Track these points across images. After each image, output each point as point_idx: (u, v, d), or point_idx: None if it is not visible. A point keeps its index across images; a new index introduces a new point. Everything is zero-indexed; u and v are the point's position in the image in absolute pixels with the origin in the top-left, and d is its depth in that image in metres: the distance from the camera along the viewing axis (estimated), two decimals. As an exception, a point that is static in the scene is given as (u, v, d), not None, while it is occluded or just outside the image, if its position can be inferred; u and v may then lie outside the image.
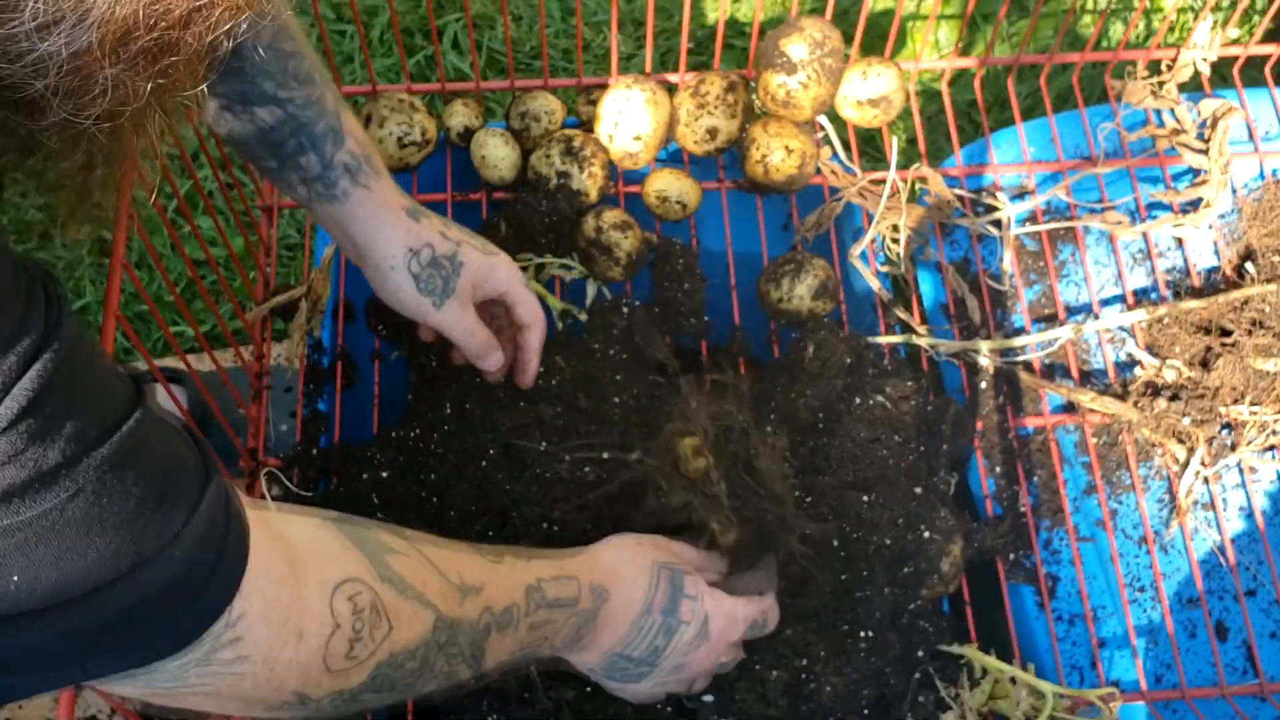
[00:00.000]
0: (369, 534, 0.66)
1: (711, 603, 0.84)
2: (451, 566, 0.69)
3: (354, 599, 0.61)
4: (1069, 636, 0.97)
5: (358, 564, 0.63)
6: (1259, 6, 1.79)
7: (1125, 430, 1.01)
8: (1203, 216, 1.09)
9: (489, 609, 0.71)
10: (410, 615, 0.65)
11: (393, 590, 0.64)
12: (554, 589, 0.76)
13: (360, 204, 0.87)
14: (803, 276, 1.03)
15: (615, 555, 0.82)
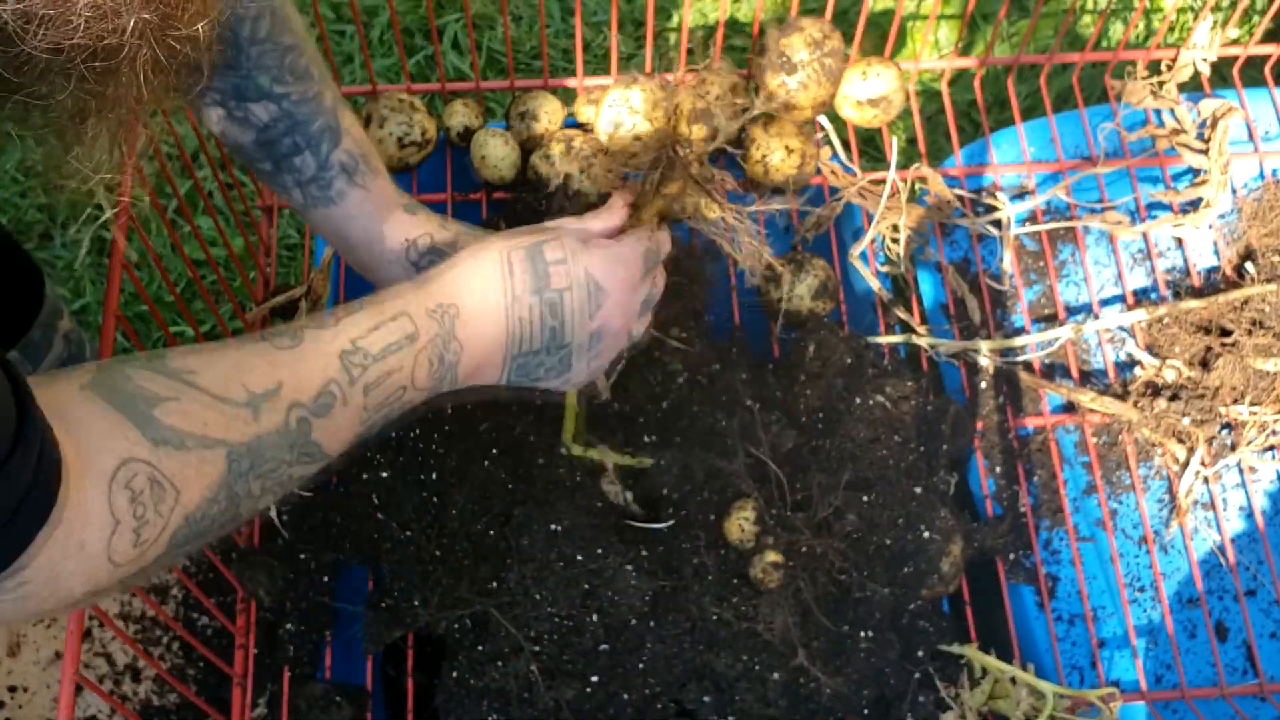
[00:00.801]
0: (131, 387, 0.60)
1: (587, 256, 0.78)
2: (233, 382, 0.64)
3: (130, 484, 0.57)
4: (1069, 636, 0.97)
5: (127, 436, 0.58)
6: (1259, 6, 1.79)
7: (1125, 430, 1.01)
8: (1203, 216, 1.09)
9: (296, 404, 0.66)
10: (196, 467, 0.61)
11: (170, 450, 0.59)
12: (376, 339, 0.71)
13: (357, 204, 0.86)
14: (803, 276, 1.03)
15: (452, 266, 0.77)
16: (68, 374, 0.60)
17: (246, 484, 0.64)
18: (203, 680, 1.18)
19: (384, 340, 0.70)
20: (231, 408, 0.63)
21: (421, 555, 0.90)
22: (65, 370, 0.61)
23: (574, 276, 0.78)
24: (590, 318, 0.78)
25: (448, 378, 0.75)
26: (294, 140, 0.83)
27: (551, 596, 0.86)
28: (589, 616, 0.87)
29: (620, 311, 0.80)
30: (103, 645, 1.20)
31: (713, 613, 0.88)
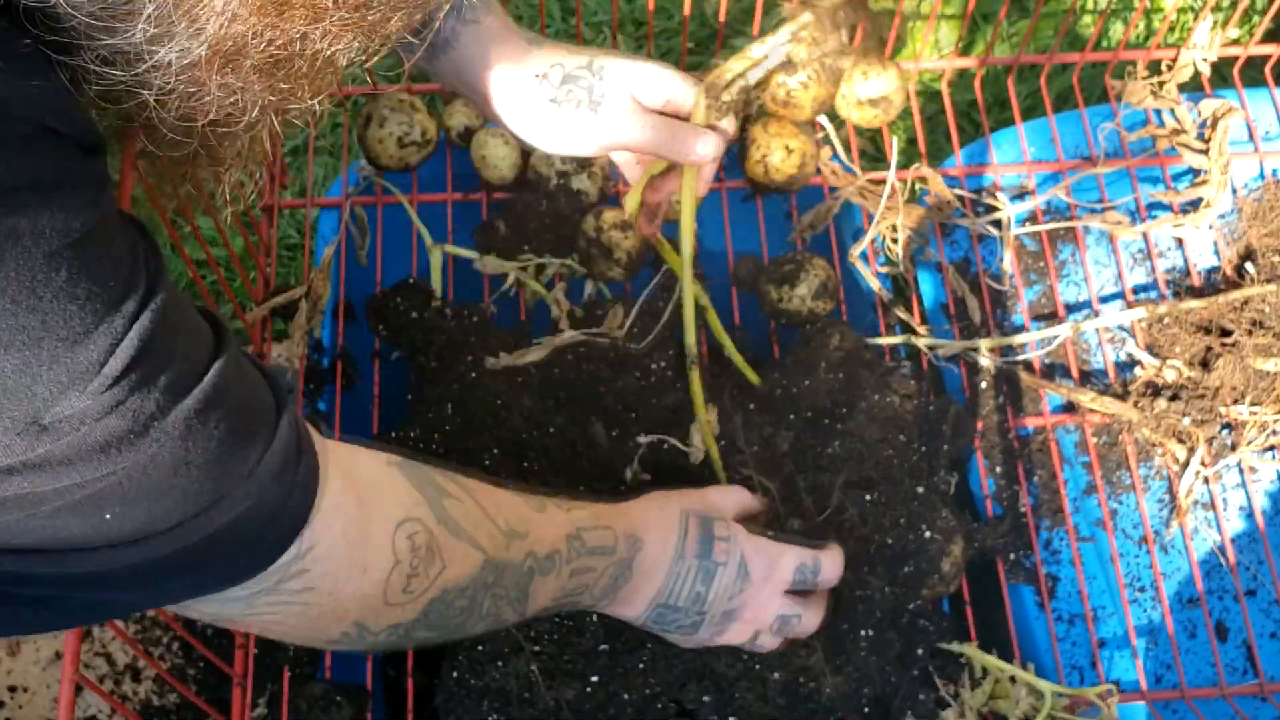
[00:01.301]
0: (429, 477, 0.69)
1: (748, 544, 0.84)
2: (500, 512, 0.72)
3: (413, 537, 0.65)
4: (1069, 636, 0.97)
5: (418, 504, 0.66)
6: (1259, 6, 1.79)
7: (1125, 430, 1.01)
8: (1203, 216, 1.09)
9: (533, 554, 0.73)
10: (462, 555, 0.68)
11: (447, 531, 0.67)
12: (592, 537, 0.77)
13: (471, 43, 0.79)
14: (803, 276, 1.03)
15: (644, 506, 0.83)
16: (374, 451, 0.68)
17: (486, 595, 0.71)
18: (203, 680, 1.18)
19: (595, 541, 0.78)
20: (494, 529, 0.71)
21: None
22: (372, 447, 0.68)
23: (731, 556, 0.83)
24: (731, 598, 0.84)
25: (607, 600, 0.82)
26: None
27: (552, 596, 0.86)
28: (589, 616, 0.87)
29: (754, 604, 0.85)
30: (103, 645, 1.20)
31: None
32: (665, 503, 0.84)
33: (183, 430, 0.49)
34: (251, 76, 0.46)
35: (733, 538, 0.84)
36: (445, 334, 0.98)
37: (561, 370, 0.98)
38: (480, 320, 1.00)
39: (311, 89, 0.50)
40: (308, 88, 0.49)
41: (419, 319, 1.00)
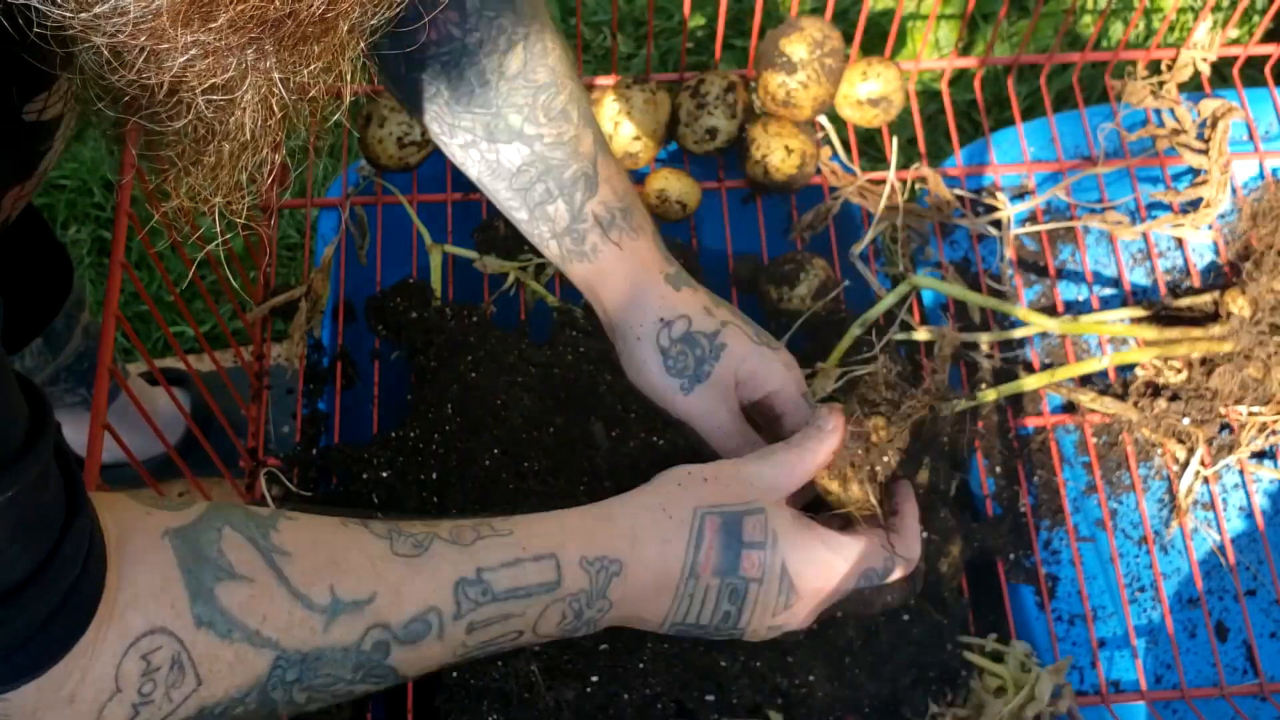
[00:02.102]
0: (212, 551, 0.56)
1: (794, 549, 0.68)
2: (322, 578, 0.58)
3: (149, 656, 0.53)
4: (1069, 636, 0.97)
5: (172, 606, 0.54)
6: (1259, 6, 1.79)
7: (1125, 430, 1.01)
8: (1203, 216, 1.09)
9: (380, 625, 0.59)
10: (232, 661, 0.56)
11: (211, 636, 0.55)
12: (506, 577, 0.63)
13: (611, 263, 0.78)
14: (803, 276, 1.03)
15: (635, 510, 0.68)
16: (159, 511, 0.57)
17: (288, 692, 0.58)
18: (203, 680, 1.18)
19: (514, 581, 0.63)
20: (303, 609, 0.57)
21: (422, 555, 0.90)
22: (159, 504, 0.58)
23: (768, 568, 0.68)
24: (774, 614, 0.69)
25: (583, 629, 0.68)
26: (546, 186, 0.77)
27: (552, 596, 0.86)
28: (589, 616, 0.87)
29: (808, 613, 0.71)
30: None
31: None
32: (673, 499, 0.68)
33: None
34: (231, 37, 0.41)
35: (771, 542, 0.68)
36: (445, 334, 0.98)
37: (561, 370, 0.98)
38: (480, 320, 1.00)
39: (319, 57, 0.45)
40: (307, 55, 0.44)
41: (419, 319, 1.00)
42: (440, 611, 0.61)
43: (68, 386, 1.20)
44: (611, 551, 0.67)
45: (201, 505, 0.58)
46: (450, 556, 0.62)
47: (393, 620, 0.60)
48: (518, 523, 0.66)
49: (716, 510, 0.68)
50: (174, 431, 1.32)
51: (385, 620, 0.60)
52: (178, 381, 1.39)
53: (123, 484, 1.24)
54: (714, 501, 0.68)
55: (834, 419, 0.74)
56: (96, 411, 0.79)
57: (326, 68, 0.46)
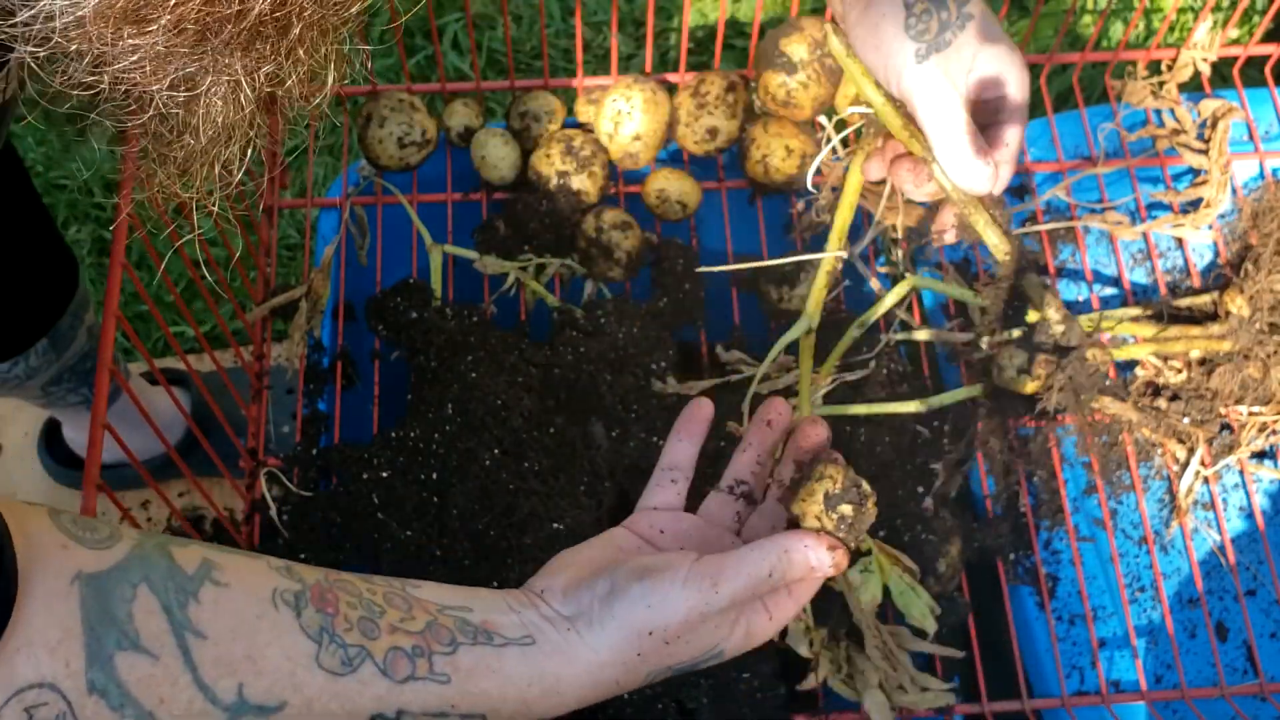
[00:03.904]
0: (121, 613, 0.52)
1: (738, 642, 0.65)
2: (234, 673, 0.54)
3: (33, 710, 0.50)
4: (1069, 636, 0.97)
5: (67, 665, 0.51)
6: (1259, 6, 1.79)
7: (1125, 430, 1.01)
8: (1203, 216, 1.09)
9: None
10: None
11: (102, 705, 0.51)
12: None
13: None
14: (803, 276, 1.03)
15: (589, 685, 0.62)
16: (96, 545, 0.53)
17: None
18: (203, 680, 1.18)
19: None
20: (204, 701, 0.53)
21: (422, 555, 0.90)
22: (100, 536, 0.54)
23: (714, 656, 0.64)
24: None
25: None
26: None
27: (552, 596, 0.86)
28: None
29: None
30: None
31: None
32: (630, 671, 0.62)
33: None
34: (175, 39, 0.40)
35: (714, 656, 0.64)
36: (445, 334, 0.98)
37: (561, 370, 0.98)
38: (480, 320, 1.00)
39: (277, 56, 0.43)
40: (268, 56, 0.42)
41: (419, 319, 1.00)
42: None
43: (70, 386, 1.20)
44: (547, 714, 0.62)
45: (125, 546, 0.54)
46: (375, 688, 0.58)
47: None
48: (460, 664, 0.60)
49: (672, 667, 0.64)
50: (174, 432, 1.32)
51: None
52: (178, 381, 1.39)
53: (123, 484, 1.24)
54: (672, 663, 0.63)
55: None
56: (96, 411, 0.79)
57: (298, 63, 0.44)
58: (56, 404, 1.24)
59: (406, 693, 0.58)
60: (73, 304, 1.13)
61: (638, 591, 0.62)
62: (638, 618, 0.61)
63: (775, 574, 0.62)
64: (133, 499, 1.26)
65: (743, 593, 0.62)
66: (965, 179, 0.70)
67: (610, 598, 0.62)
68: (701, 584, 0.61)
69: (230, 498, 1.22)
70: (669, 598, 0.61)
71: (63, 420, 1.39)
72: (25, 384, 1.16)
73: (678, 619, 0.61)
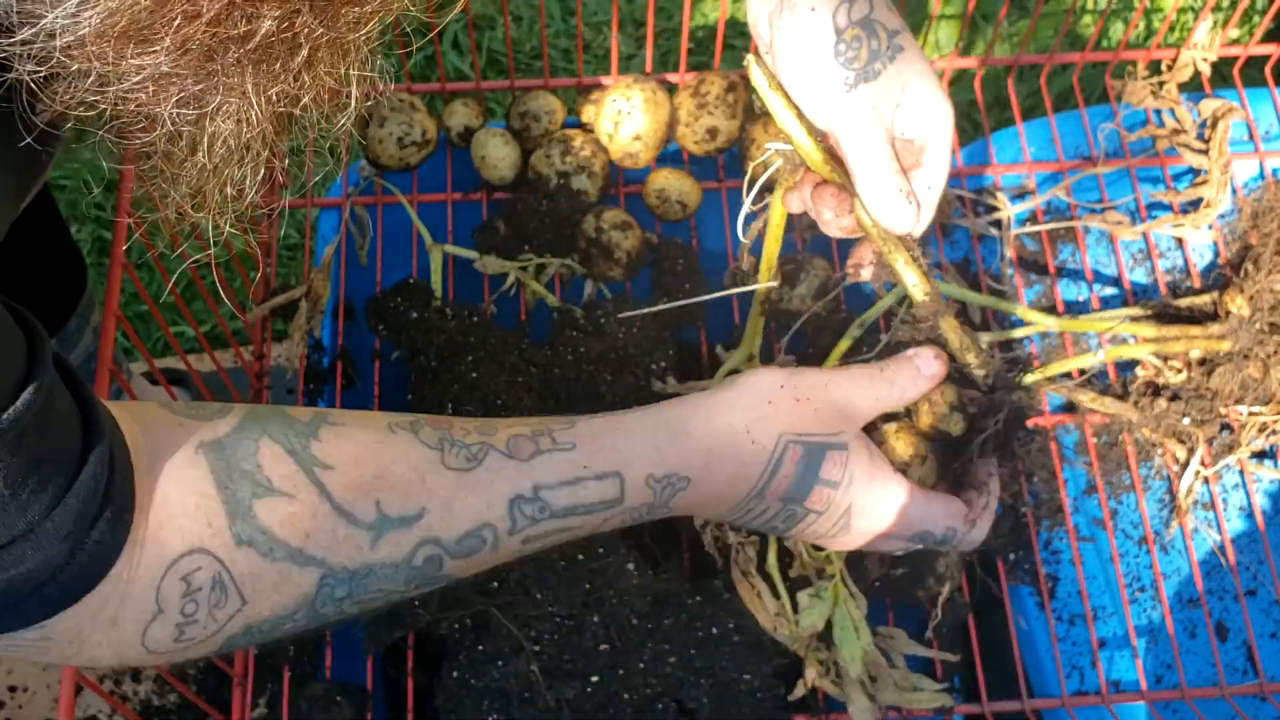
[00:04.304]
0: (250, 464, 0.54)
1: (862, 495, 0.67)
2: (369, 494, 0.56)
3: (189, 577, 0.52)
4: (1069, 636, 0.97)
5: (211, 523, 0.52)
6: (1259, 6, 1.79)
7: (1125, 430, 1.01)
8: (1203, 216, 1.09)
9: (431, 540, 0.57)
10: (276, 580, 0.54)
11: (253, 554, 0.53)
12: (566, 495, 0.60)
13: None
14: (803, 276, 1.03)
15: (719, 427, 0.64)
16: (210, 418, 0.55)
17: (338, 607, 0.57)
18: (202, 680, 1.18)
19: (574, 499, 0.61)
20: (348, 526, 0.55)
21: (422, 555, 0.90)
22: (212, 411, 0.55)
23: (833, 506, 0.67)
24: (817, 537, 0.70)
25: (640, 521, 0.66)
26: None
27: (552, 596, 0.86)
28: (590, 616, 0.87)
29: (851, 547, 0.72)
30: (103, 645, 1.20)
31: (711, 613, 0.88)
32: (758, 420, 0.64)
33: None
34: (181, 59, 0.40)
35: (846, 483, 0.66)
36: (445, 334, 0.98)
37: (562, 370, 0.98)
38: (480, 320, 1.00)
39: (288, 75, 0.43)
40: (279, 75, 0.43)
41: (419, 319, 1.00)
42: (495, 527, 0.59)
43: None
44: (682, 469, 0.64)
45: (238, 413, 0.56)
46: (506, 472, 0.59)
47: (444, 536, 0.58)
48: (581, 433, 0.62)
49: (801, 440, 0.65)
50: (174, 431, 1.32)
51: (436, 536, 0.58)
52: (178, 381, 1.39)
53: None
54: (800, 430, 0.65)
55: (936, 364, 0.73)
56: (97, 411, 0.79)
57: (317, 80, 0.44)
58: None
59: (536, 468, 0.60)
60: (80, 305, 1.13)
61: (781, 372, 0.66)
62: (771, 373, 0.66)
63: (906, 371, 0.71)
64: (133, 499, 1.26)
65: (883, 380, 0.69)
66: (887, 217, 0.69)
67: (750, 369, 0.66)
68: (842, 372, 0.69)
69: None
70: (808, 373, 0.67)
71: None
72: None
73: (810, 378, 0.66)
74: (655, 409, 0.65)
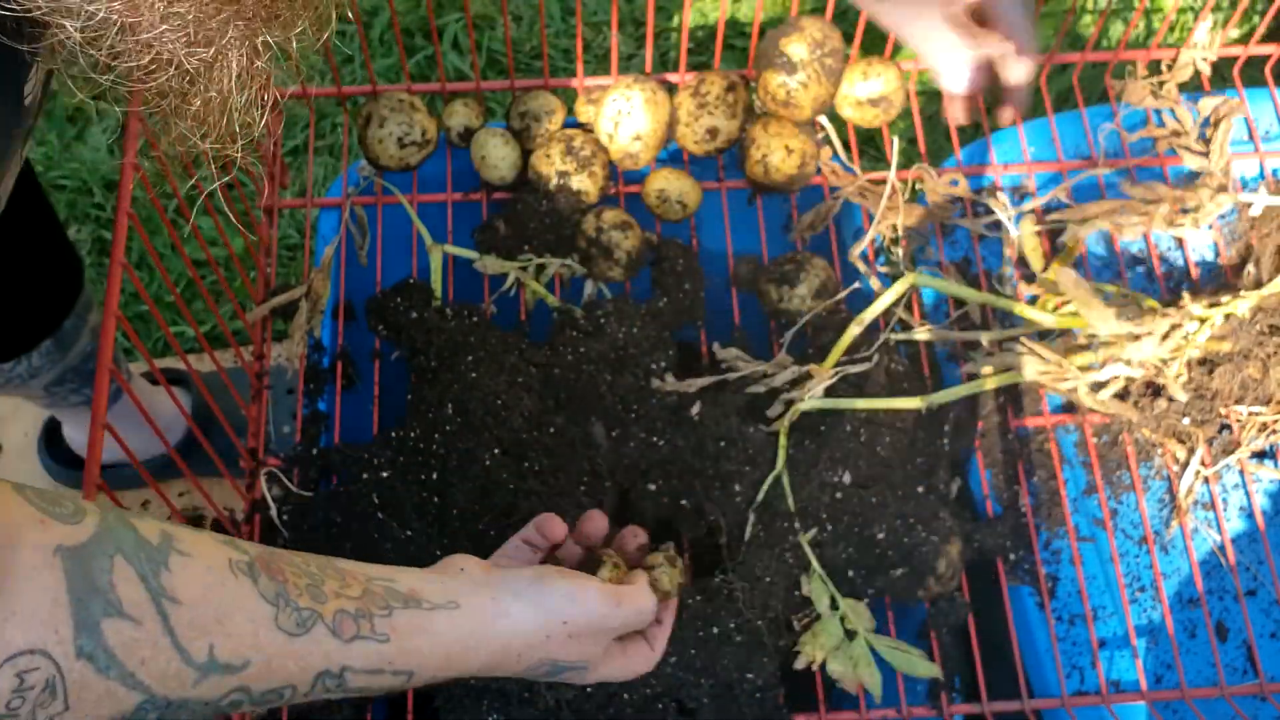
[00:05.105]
0: (103, 582, 0.57)
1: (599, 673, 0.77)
2: (205, 636, 0.59)
3: (24, 675, 0.54)
4: (1069, 636, 0.97)
5: (56, 632, 0.55)
6: (1259, 7, 1.79)
7: (1125, 430, 1.01)
8: (1203, 217, 1.09)
9: (243, 689, 0.62)
10: (102, 694, 0.57)
11: (89, 668, 0.55)
12: (363, 679, 0.66)
13: None
14: (803, 276, 1.03)
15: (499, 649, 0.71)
16: (68, 519, 0.57)
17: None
18: (203, 680, 1.18)
19: (369, 683, 0.66)
20: (180, 662, 0.59)
21: (422, 555, 0.90)
22: (68, 510, 0.57)
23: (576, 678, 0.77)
24: None
25: None
26: None
27: (552, 596, 0.86)
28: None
29: None
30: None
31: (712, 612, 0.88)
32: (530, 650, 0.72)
33: None
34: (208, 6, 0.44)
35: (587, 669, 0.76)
36: (445, 334, 0.98)
37: (561, 370, 0.98)
38: (480, 320, 1.00)
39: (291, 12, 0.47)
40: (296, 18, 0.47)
41: (419, 319, 1.00)
42: (296, 688, 0.64)
43: (73, 387, 1.20)
44: (460, 672, 0.71)
45: (93, 520, 0.58)
46: (325, 647, 0.64)
47: (254, 687, 0.62)
48: (397, 626, 0.67)
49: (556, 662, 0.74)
50: (174, 431, 1.32)
51: (248, 685, 0.62)
52: (178, 381, 1.39)
53: (123, 484, 1.24)
54: (560, 657, 0.74)
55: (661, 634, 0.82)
56: (96, 411, 0.79)
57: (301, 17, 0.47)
58: (59, 404, 1.24)
59: (352, 651, 0.65)
60: (78, 305, 1.13)
61: (564, 587, 0.74)
62: (558, 606, 0.73)
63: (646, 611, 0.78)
64: (133, 499, 1.26)
65: (633, 617, 0.76)
66: None
67: (538, 583, 0.73)
68: (609, 597, 0.75)
69: (230, 497, 1.22)
70: (588, 599, 0.74)
71: (64, 420, 1.39)
72: (28, 383, 1.16)
73: (587, 618, 0.74)
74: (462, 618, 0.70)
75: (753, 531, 0.92)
